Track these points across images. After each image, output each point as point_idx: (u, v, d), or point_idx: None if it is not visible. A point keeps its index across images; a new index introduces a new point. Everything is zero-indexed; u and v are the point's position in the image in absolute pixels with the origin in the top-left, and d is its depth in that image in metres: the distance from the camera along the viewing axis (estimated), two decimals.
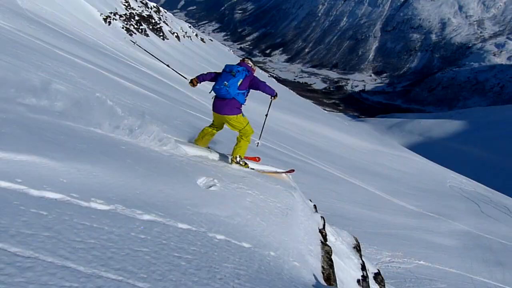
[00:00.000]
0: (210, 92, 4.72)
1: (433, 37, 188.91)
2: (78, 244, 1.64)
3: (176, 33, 50.27)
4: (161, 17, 49.89)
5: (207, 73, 4.98)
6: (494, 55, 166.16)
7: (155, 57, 5.81)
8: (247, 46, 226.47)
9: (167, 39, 45.61)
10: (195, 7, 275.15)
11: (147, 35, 41.17)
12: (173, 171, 3.34)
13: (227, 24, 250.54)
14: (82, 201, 2.06)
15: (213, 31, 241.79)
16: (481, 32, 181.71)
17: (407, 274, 11.52)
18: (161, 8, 52.94)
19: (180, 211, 2.56)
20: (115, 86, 9.27)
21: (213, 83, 4.77)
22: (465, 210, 20.82)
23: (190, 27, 62.14)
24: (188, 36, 54.69)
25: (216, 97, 4.71)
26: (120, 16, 39.23)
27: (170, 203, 2.61)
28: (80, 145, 2.90)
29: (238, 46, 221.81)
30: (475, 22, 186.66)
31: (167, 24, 49.71)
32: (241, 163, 4.72)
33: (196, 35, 61.02)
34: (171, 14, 58.87)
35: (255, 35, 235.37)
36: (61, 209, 1.87)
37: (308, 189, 6.36)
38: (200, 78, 4.88)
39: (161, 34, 45.13)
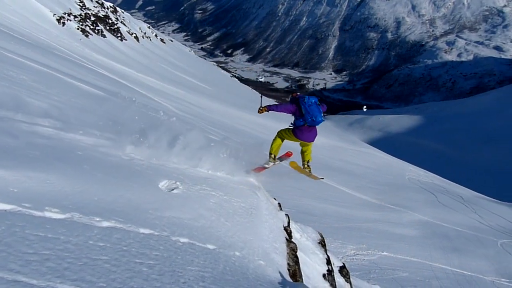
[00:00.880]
0: (303, 125, 5.43)
1: (389, 35, 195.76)
2: (30, 257, 1.56)
3: (135, 33, 49.10)
4: (118, 17, 48.55)
5: (279, 105, 5.74)
6: (446, 52, 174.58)
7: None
8: (208, 47, 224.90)
9: (126, 39, 44.44)
10: (153, 7, 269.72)
11: (104, 36, 39.94)
12: (133, 175, 3.25)
13: (187, 24, 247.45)
14: (35, 211, 1.96)
15: (173, 31, 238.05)
16: (433, 31, 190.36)
17: (371, 265, 11.88)
18: (118, 8, 51.51)
19: (141, 216, 2.49)
20: (71, 89, 8.92)
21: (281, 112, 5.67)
22: (423, 201, 21.70)
23: (149, 27, 60.87)
24: (147, 37, 53.56)
25: (307, 127, 5.50)
26: (75, 16, 37.78)
27: (130, 208, 2.54)
28: (32, 152, 2.77)
29: (199, 47, 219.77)
30: (427, 21, 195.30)
31: (125, 25, 48.44)
32: (310, 166, 5.92)
33: (156, 35, 59.85)
34: (129, 14, 57.42)
35: (216, 35, 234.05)
36: (11, 221, 1.77)
37: (272, 187, 6.40)
38: (271, 108, 5.64)
39: (119, 35, 43.92)
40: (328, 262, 4.49)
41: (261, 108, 5.60)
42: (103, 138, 3.85)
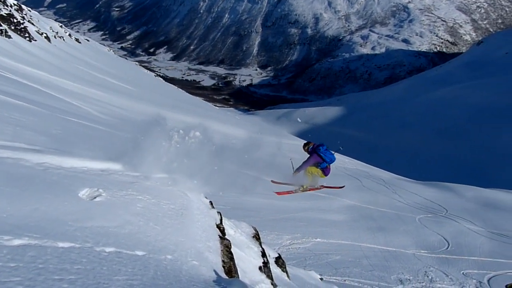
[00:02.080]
0: (326, 166, 8.30)
1: (309, 31, 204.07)
2: None
3: (45, 33, 45.42)
4: (24, 16, 44.54)
5: (304, 163, 8.03)
6: (361, 46, 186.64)
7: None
8: (129, 46, 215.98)
9: (35, 40, 40.92)
10: (65, 4, 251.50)
11: (9, 37, 36.37)
12: (49, 186, 2.99)
13: (104, 23, 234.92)
14: None
15: (89, 30, 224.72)
16: (348, 26, 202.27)
17: (306, 252, 12.34)
18: (24, 6, 47.24)
19: (60, 229, 2.30)
20: None
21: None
22: (349, 186, 22.93)
23: (61, 26, 56.67)
24: (60, 37, 49.85)
25: (328, 166, 8.05)
26: None
27: (47, 222, 2.34)
28: None
29: (119, 46, 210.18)
30: (343, 17, 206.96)
31: (33, 24, 44.58)
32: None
33: (70, 35, 55.93)
34: (37, 13, 53.00)
35: (136, 33, 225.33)
36: None
37: (205, 185, 6.33)
38: (300, 170, 8.23)
39: (27, 35, 40.31)
40: (263, 254, 4.56)
41: (294, 174, 8.16)
42: (11, 148, 3.50)
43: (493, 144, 55.42)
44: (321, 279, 8.80)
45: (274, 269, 5.20)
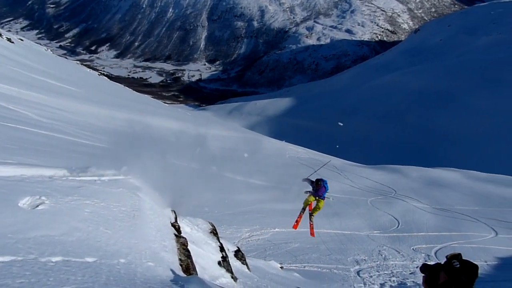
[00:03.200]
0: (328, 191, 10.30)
1: (255, 24, 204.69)
2: None
3: None
4: None
5: (318, 190, 10.11)
6: (307, 37, 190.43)
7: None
8: (68, 44, 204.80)
9: None
10: None
11: None
12: None
13: (38, 21, 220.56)
14: None
15: (22, 29, 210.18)
16: (294, 18, 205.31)
17: (266, 243, 12.50)
18: None
19: None
20: None
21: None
22: (304, 175, 23.46)
23: None
24: None
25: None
26: None
27: None
28: None
29: (57, 45, 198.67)
30: (287, 9, 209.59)
31: None
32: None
33: (0, 34, 52.00)
34: None
35: (75, 31, 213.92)
36: None
37: (157, 184, 6.18)
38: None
39: None
40: (222, 249, 4.55)
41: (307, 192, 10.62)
42: None
43: (432, 126, 59.06)
44: (282, 267, 8.95)
45: (234, 262, 5.21)
